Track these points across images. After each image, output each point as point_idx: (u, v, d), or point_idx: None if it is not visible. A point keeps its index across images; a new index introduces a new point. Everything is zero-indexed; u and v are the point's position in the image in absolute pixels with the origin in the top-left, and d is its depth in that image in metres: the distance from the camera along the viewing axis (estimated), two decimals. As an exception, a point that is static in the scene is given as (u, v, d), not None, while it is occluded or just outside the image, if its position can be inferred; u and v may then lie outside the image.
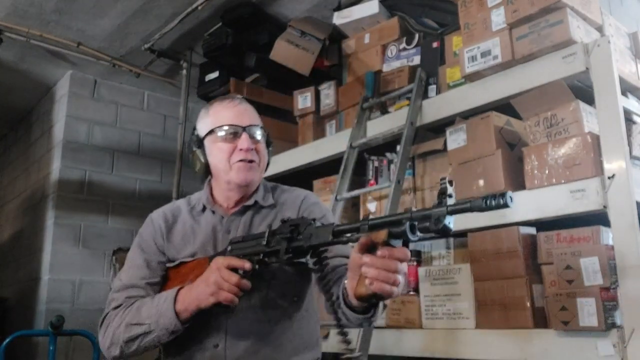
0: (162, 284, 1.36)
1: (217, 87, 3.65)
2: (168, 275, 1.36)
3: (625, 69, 2.06)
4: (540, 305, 1.94)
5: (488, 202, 0.87)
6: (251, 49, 3.40)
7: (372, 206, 2.58)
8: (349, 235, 1.05)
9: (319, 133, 3.11)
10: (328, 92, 3.11)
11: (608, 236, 1.82)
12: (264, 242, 1.19)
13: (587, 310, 1.72)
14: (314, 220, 1.15)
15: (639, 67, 2.22)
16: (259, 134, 1.38)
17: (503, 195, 0.86)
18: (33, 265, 4.20)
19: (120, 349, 1.27)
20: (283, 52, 3.08)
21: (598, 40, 1.92)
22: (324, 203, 1.57)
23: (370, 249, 0.98)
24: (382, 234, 0.96)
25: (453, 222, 0.91)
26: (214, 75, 3.67)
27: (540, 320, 1.92)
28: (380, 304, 1.12)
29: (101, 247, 4.12)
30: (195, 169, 1.41)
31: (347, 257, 1.18)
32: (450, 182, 0.93)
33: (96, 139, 4.27)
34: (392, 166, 2.57)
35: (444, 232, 0.90)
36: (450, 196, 0.91)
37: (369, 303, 1.06)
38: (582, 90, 2.00)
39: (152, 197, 4.38)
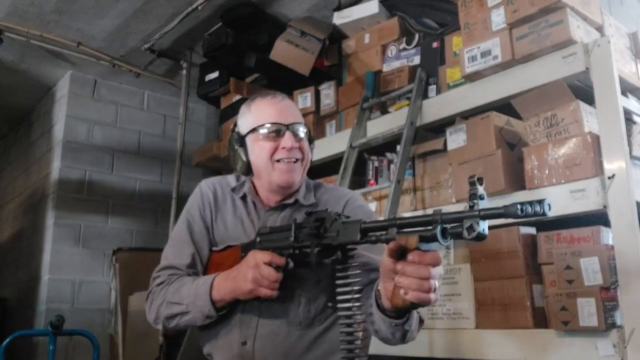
0: (205, 267, 1.37)
1: (217, 87, 3.66)
2: (210, 258, 1.37)
3: (625, 69, 2.06)
4: (540, 305, 1.94)
5: (524, 209, 0.81)
6: (251, 49, 3.40)
7: (372, 206, 2.58)
8: (377, 234, 1.03)
9: (319, 133, 3.11)
10: (328, 92, 3.11)
11: (608, 236, 1.82)
12: (292, 237, 1.17)
13: (587, 310, 1.72)
14: (338, 215, 1.13)
15: (639, 67, 2.22)
16: (302, 132, 1.35)
17: (541, 202, 0.81)
18: (33, 265, 4.20)
19: (163, 324, 1.31)
20: (283, 52, 3.08)
21: (598, 40, 1.92)
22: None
23: (400, 254, 0.96)
24: (412, 241, 0.93)
25: (487, 227, 0.86)
26: (214, 75, 3.68)
27: (540, 320, 1.92)
28: (416, 316, 1.10)
29: (101, 247, 4.12)
30: (236, 167, 1.39)
31: (372, 254, 1.18)
32: (480, 181, 0.88)
33: (96, 139, 4.27)
34: (392, 166, 2.57)
35: (478, 239, 0.86)
36: (482, 198, 0.86)
37: (406, 311, 1.04)
38: (582, 90, 2.00)
39: (152, 197, 4.38)
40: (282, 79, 3.40)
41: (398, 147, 2.42)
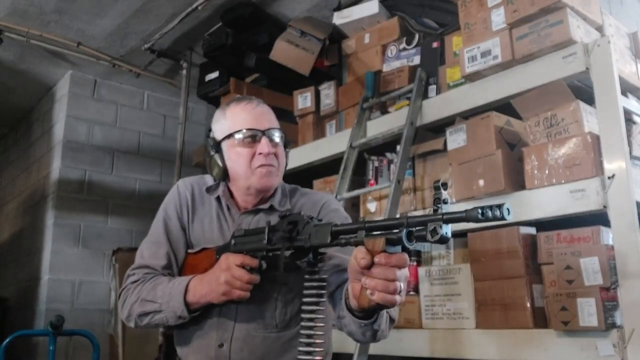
0: (180, 269, 1.38)
1: (217, 87, 3.65)
2: (186, 260, 1.38)
3: (625, 69, 2.06)
4: (540, 305, 1.94)
5: (484, 212, 0.84)
6: (251, 49, 3.40)
7: (372, 206, 2.58)
8: (347, 236, 1.04)
9: (319, 133, 3.11)
10: (328, 92, 3.11)
11: (608, 236, 1.82)
12: (265, 240, 1.18)
13: (587, 310, 1.72)
14: (311, 218, 1.14)
15: (639, 67, 2.22)
16: (277, 137, 1.35)
17: (500, 206, 0.83)
18: (33, 265, 4.20)
19: (135, 322, 1.32)
20: (283, 52, 3.08)
21: (598, 40, 1.92)
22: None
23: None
24: (379, 243, 0.94)
25: (450, 231, 0.89)
26: (214, 75, 3.67)
27: (540, 320, 1.92)
28: (385, 315, 1.11)
29: (101, 247, 4.12)
30: (212, 173, 1.39)
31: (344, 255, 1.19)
32: (444, 186, 0.91)
33: (96, 139, 4.27)
34: (392, 166, 2.57)
35: (441, 242, 0.89)
36: (445, 202, 0.89)
37: (373, 312, 1.06)
38: (582, 90, 2.00)
39: (151, 197, 4.37)
40: (282, 79, 3.40)
41: (398, 147, 2.42)
